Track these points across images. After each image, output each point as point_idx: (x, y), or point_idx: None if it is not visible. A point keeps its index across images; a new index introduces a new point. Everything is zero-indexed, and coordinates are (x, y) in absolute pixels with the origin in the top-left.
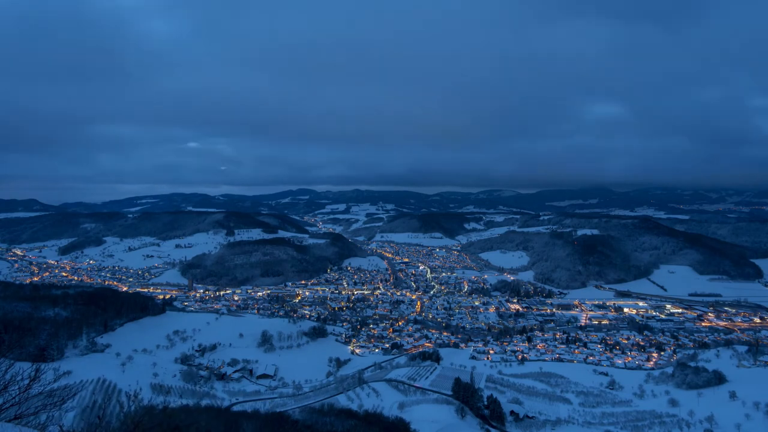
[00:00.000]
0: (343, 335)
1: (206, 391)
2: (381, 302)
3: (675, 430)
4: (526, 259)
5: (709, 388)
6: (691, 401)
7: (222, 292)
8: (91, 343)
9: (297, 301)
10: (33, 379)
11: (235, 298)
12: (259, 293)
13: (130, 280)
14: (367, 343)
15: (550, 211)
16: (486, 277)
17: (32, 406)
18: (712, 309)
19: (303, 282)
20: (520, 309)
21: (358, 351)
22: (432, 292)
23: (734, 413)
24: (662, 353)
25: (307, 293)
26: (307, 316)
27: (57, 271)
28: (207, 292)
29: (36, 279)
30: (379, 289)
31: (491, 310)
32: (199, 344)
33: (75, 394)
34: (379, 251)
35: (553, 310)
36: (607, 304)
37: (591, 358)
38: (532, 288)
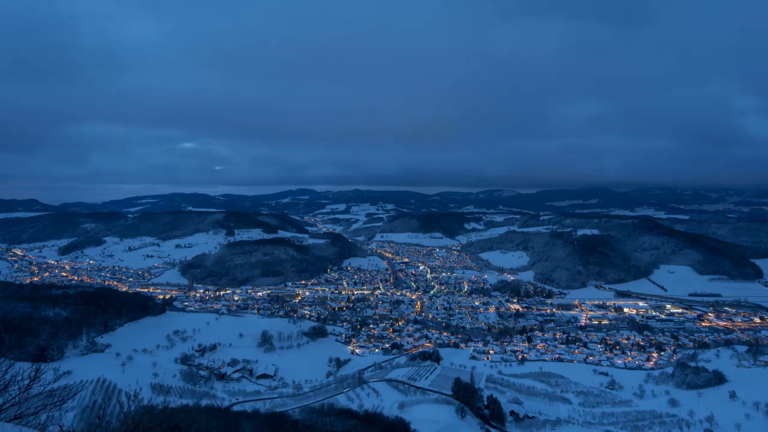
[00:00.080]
0: (343, 335)
1: (206, 391)
2: (381, 302)
3: (675, 430)
4: (526, 259)
5: (709, 388)
6: (691, 401)
7: (222, 292)
8: (91, 343)
9: (297, 301)
10: (33, 379)
11: (235, 298)
12: (259, 293)
13: (130, 280)
14: (367, 343)
15: (550, 211)
16: (486, 277)
17: (32, 406)
18: (712, 309)
19: (303, 282)
20: (520, 309)
21: (358, 351)
22: (432, 292)
23: (734, 413)
24: (662, 353)
25: (307, 293)
26: (307, 316)
27: (57, 271)
28: (207, 292)
29: (36, 279)
30: (379, 289)
31: (491, 310)
32: (199, 344)
33: (75, 394)
34: (379, 251)
35: (553, 310)
36: (607, 304)
37: (591, 358)
38: (532, 288)
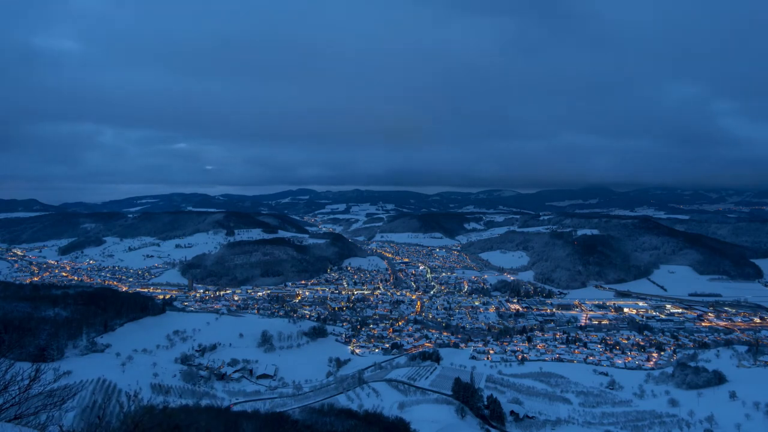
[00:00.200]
0: (343, 335)
1: (206, 391)
2: (381, 302)
3: (675, 430)
4: (526, 259)
5: (709, 388)
6: (691, 401)
7: (222, 292)
8: (91, 343)
9: (297, 301)
10: (33, 379)
11: (235, 298)
12: (259, 293)
13: (130, 280)
14: (367, 343)
15: (550, 211)
16: (486, 277)
17: (32, 406)
18: (712, 309)
19: (303, 282)
20: (520, 309)
21: (358, 351)
22: (432, 292)
23: (734, 413)
24: (662, 353)
25: (307, 293)
26: (307, 316)
27: (57, 271)
28: (207, 292)
29: (36, 279)
30: (379, 289)
31: (491, 310)
32: (199, 344)
33: (75, 394)
34: (379, 251)
35: (553, 310)
36: (607, 304)
37: (591, 358)
38: (532, 288)
